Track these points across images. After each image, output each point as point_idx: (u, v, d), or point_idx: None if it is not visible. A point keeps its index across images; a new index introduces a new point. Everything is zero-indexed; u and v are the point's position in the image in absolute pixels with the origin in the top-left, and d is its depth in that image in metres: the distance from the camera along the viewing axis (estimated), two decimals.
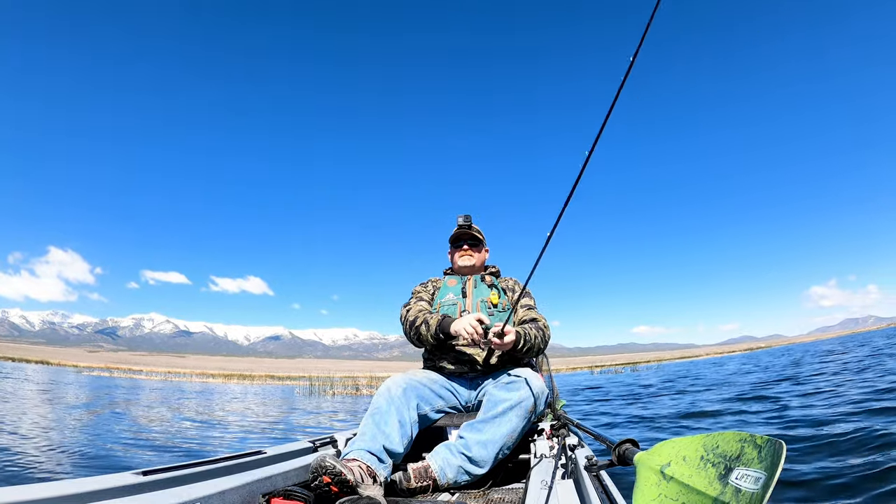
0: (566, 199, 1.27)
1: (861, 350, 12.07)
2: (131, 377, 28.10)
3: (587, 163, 1.19)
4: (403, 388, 1.68)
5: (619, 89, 1.11)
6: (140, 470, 1.07)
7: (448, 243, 2.22)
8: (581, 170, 1.20)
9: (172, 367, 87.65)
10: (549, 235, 1.36)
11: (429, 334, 1.84)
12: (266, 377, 37.80)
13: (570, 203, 1.27)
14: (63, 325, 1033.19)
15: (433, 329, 1.82)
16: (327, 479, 1.26)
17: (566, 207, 1.28)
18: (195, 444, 4.46)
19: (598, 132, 1.14)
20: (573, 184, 1.23)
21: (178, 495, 1.03)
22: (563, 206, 1.28)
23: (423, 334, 1.86)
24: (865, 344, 19.55)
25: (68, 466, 3.14)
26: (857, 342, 23.76)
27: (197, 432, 5.32)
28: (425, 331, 1.85)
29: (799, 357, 15.37)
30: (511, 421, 1.59)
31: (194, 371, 52.36)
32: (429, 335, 1.84)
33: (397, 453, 1.54)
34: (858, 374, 6.90)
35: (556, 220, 1.32)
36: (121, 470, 1.10)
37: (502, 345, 1.67)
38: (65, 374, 26.91)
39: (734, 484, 0.68)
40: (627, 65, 1.10)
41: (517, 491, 1.52)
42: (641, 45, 1.09)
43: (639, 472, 0.86)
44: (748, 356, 36.54)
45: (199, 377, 34.88)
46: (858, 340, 26.72)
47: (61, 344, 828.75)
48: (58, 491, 0.88)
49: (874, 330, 79.80)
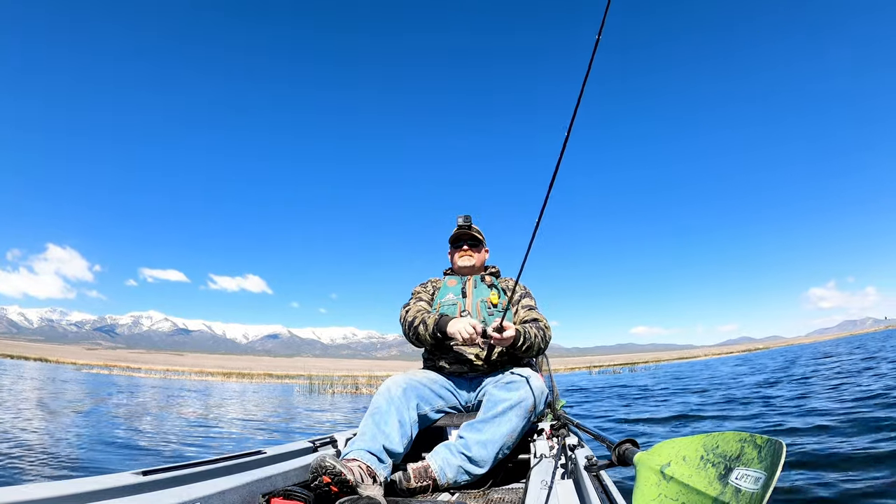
0: (549, 185, 1.24)
1: (850, 357, 12.02)
2: (130, 375, 28.06)
3: (566, 144, 1.17)
4: (403, 388, 1.68)
5: (585, 80, 1.10)
6: (140, 470, 1.07)
7: (448, 243, 2.22)
8: (560, 153, 1.19)
9: (171, 365, 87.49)
10: (536, 223, 1.35)
11: (427, 334, 1.84)
12: (265, 375, 37.76)
13: (552, 189, 1.25)
14: (61, 322, 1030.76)
15: (430, 328, 1.83)
16: (327, 479, 1.26)
17: (550, 190, 1.25)
18: (197, 443, 4.46)
19: (573, 114, 1.13)
20: (555, 167, 1.21)
21: (178, 495, 1.03)
22: (546, 191, 1.26)
23: (422, 334, 1.86)
24: (861, 346, 19.60)
25: (68, 467, 3.14)
26: (853, 345, 23.81)
27: (200, 431, 5.31)
28: (423, 330, 1.85)
29: (787, 363, 15.29)
30: (511, 421, 1.59)
31: (193, 369, 52.30)
32: (427, 335, 1.85)
33: (397, 453, 1.54)
34: (849, 377, 6.83)
35: (542, 208, 1.31)
36: (120, 470, 1.10)
37: (502, 339, 1.67)
38: (64, 371, 26.85)
39: (734, 484, 0.68)
40: (588, 64, 1.11)
41: (517, 491, 1.52)
42: (600, 38, 1.08)
43: (639, 472, 0.86)
44: (742, 358, 36.56)
45: (199, 375, 34.83)
46: (855, 343, 26.79)
47: (59, 341, 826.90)
48: (58, 491, 0.88)
49: (872, 332, 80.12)
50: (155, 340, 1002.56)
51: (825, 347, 26.39)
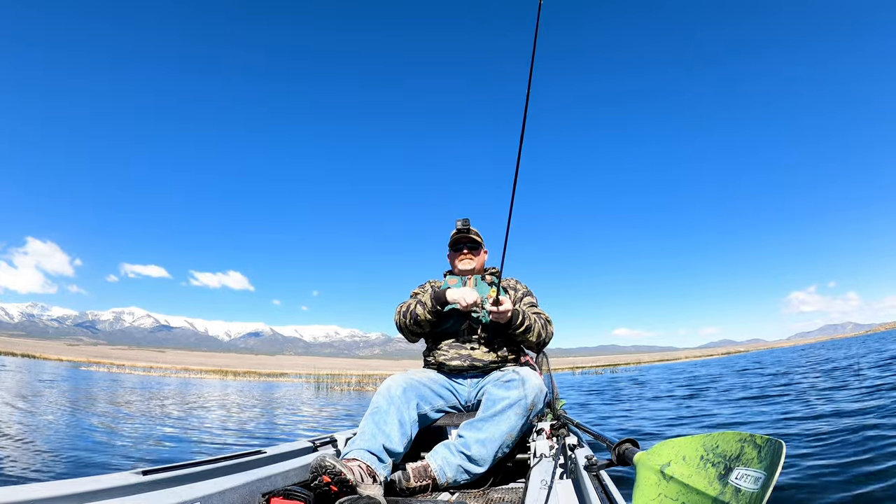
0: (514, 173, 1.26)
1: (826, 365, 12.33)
2: (117, 372, 27.49)
3: (522, 136, 1.18)
4: (403, 387, 1.68)
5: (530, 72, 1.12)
6: (140, 469, 1.07)
7: (448, 246, 2.22)
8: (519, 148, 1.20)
9: (153, 362, 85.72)
10: (508, 216, 1.37)
11: (426, 312, 1.85)
12: (266, 374, 37.27)
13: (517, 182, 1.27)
14: (42, 317, 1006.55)
15: (429, 303, 1.84)
16: (327, 478, 1.26)
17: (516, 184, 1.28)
18: (198, 443, 4.39)
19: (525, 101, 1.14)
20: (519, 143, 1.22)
21: (178, 495, 1.03)
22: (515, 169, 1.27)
23: (420, 314, 1.86)
24: (842, 349, 20.12)
25: (66, 466, 3.07)
26: (831, 349, 24.45)
27: (203, 431, 5.22)
28: (422, 310, 1.86)
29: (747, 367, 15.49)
30: (510, 419, 1.60)
31: (176, 366, 51.31)
32: (426, 312, 1.85)
33: (397, 453, 1.54)
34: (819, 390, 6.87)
35: (512, 199, 1.33)
36: (120, 470, 1.09)
37: (499, 312, 1.70)
38: (47, 367, 26.17)
39: (734, 484, 0.68)
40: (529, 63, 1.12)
41: (517, 490, 1.52)
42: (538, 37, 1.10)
43: (638, 472, 0.86)
44: (702, 362, 37.17)
45: (197, 373, 34.24)
46: (836, 347, 27.48)
47: (40, 336, 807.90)
48: (58, 491, 0.88)
49: (852, 336, 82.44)
50: (137, 337, 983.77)
51: (802, 352, 26.97)
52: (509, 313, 1.74)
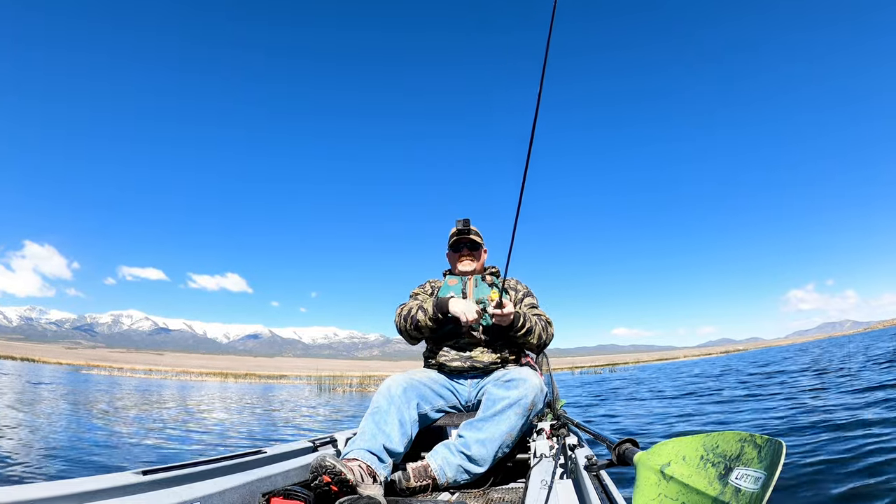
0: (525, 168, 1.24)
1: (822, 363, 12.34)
2: (118, 375, 27.47)
3: (532, 136, 1.16)
4: (403, 387, 1.68)
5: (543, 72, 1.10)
6: (140, 469, 1.07)
7: (447, 246, 2.22)
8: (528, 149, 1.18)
9: (152, 364, 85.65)
10: (515, 220, 1.32)
11: (426, 318, 1.84)
12: (265, 377, 37.25)
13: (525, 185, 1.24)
14: (41, 320, 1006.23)
15: (431, 311, 1.83)
16: (327, 478, 1.26)
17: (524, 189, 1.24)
18: (200, 443, 4.38)
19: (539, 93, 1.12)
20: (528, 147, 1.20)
21: (179, 495, 1.03)
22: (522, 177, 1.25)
23: (421, 320, 1.86)
24: (840, 347, 20.14)
25: (66, 466, 3.07)
26: (829, 347, 24.47)
27: (203, 431, 5.22)
28: (423, 316, 1.85)
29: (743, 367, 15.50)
30: (510, 419, 1.60)
31: (175, 369, 51.28)
32: (426, 319, 1.84)
33: (397, 453, 1.54)
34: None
35: (518, 206, 1.28)
36: (120, 470, 1.09)
37: (502, 315, 1.70)
38: (47, 371, 26.16)
39: (734, 484, 0.68)
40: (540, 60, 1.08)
41: (517, 490, 1.52)
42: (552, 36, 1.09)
43: (639, 472, 0.86)
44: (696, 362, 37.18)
45: (197, 376, 34.21)
46: (835, 344, 27.51)
47: (39, 340, 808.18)
48: (58, 491, 0.88)
49: (851, 334, 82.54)
50: (135, 340, 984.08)
51: (796, 351, 26.94)
52: (511, 316, 1.74)
